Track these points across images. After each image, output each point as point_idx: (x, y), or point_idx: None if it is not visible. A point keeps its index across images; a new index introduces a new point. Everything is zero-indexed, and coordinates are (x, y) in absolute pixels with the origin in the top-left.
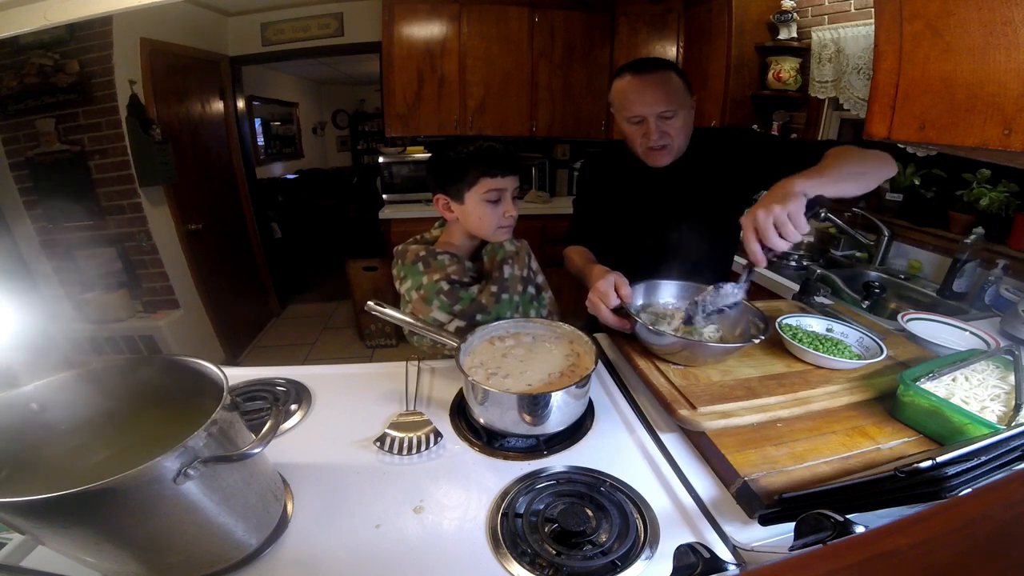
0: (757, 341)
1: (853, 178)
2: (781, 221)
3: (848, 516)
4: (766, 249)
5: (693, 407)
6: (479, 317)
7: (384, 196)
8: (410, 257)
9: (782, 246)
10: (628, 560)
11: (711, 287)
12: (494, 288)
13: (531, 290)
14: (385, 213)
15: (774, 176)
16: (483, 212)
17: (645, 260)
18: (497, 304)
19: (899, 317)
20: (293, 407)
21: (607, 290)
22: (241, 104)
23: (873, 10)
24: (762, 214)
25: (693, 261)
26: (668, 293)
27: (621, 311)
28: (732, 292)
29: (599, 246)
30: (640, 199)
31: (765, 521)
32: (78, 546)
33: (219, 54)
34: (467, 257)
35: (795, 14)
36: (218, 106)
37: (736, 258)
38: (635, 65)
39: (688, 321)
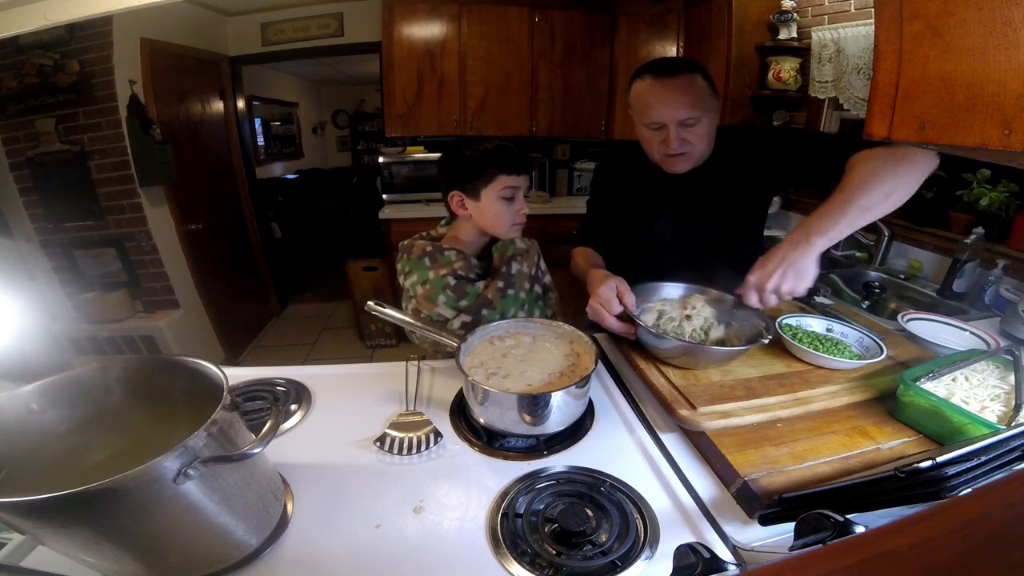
0: (765, 341)
1: (883, 202)
2: (782, 289)
3: (848, 516)
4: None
5: (693, 407)
6: (484, 312)
7: (384, 196)
8: (416, 252)
9: (772, 302)
10: (628, 560)
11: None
12: (500, 283)
13: (538, 289)
14: (385, 213)
15: (795, 177)
16: (499, 209)
17: (660, 265)
18: (503, 299)
19: (899, 317)
20: (293, 407)
21: (610, 297)
22: (241, 104)
23: (873, 10)
24: (773, 268)
25: (710, 267)
26: (669, 294)
27: (624, 316)
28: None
29: (612, 249)
30: (657, 203)
31: (765, 521)
32: (78, 546)
33: (219, 54)
34: (474, 255)
35: (795, 14)
36: (218, 106)
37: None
38: (656, 66)
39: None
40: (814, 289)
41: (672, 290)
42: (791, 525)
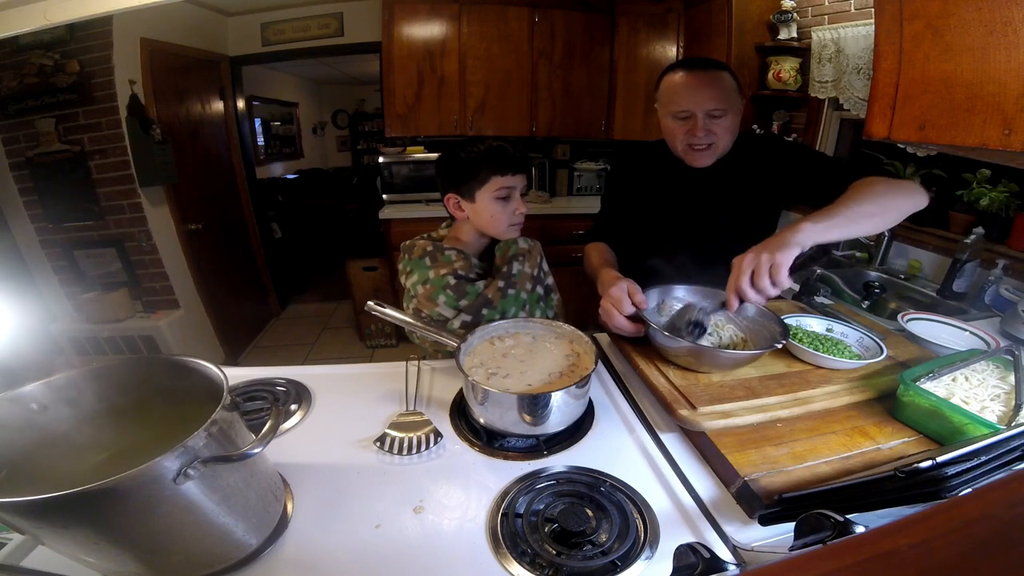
0: (778, 346)
1: (867, 219)
2: (760, 272)
3: (848, 516)
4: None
5: (693, 407)
6: (485, 312)
7: (384, 196)
8: (417, 252)
9: (754, 298)
10: (628, 560)
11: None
12: (501, 283)
13: (539, 290)
14: (385, 213)
15: (804, 193)
16: (494, 210)
17: (674, 261)
18: (503, 299)
19: (899, 317)
20: (293, 407)
21: (620, 296)
22: (241, 104)
23: (873, 10)
24: (749, 258)
25: (720, 264)
26: (681, 296)
27: (635, 317)
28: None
29: (626, 244)
30: (674, 199)
31: (765, 521)
32: (78, 546)
33: (219, 54)
34: (475, 255)
35: (795, 14)
36: (218, 106)
37: None
38: (689, 62)
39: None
40: (814, 289)
41: (682, 291)
42: (791, 525)
